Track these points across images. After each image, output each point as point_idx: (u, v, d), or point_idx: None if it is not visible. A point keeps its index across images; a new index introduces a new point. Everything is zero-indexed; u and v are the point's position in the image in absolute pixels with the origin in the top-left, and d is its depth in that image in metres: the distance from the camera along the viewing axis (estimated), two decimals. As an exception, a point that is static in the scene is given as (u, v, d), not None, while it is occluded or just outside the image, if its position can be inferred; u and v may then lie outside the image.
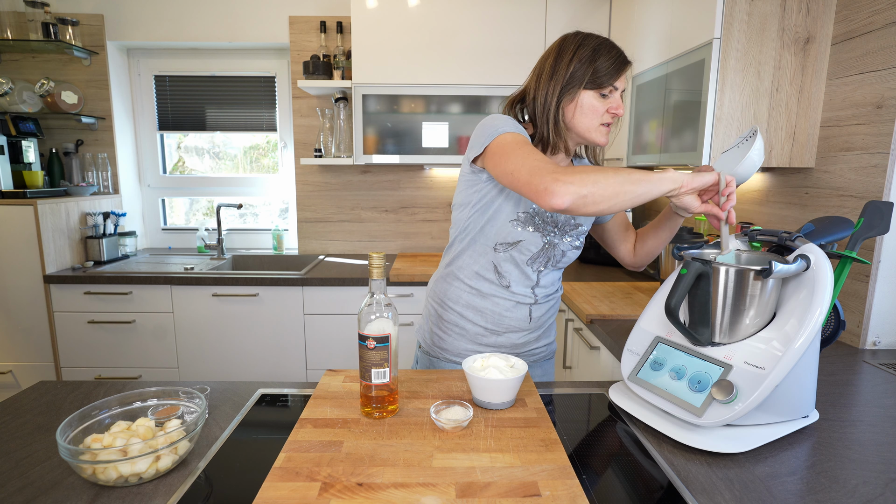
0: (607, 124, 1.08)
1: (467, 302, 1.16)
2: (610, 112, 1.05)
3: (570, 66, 1.04)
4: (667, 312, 0.84)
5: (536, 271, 1.14)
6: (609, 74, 1.03)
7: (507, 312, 1.15)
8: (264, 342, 2.32)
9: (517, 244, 1.10)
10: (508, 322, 1.16)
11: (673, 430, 0.84)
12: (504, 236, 1.10)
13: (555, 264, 1.16)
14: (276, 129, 2.88)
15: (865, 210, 0.99)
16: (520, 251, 1.11)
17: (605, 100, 1.05)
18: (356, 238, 2.87)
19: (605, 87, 1.04)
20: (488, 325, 1.16)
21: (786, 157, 1.49)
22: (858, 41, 1.34)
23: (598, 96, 1.05)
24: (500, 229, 1.10)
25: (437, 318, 1.21)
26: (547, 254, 1.13)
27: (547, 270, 1.16)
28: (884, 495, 0.70)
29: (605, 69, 1.03)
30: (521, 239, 1.09)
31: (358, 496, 0.65)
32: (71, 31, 2.54)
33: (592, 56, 1.03)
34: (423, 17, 2.32)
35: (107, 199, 2.66)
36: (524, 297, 1.15)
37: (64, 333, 2.30)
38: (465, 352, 1.18)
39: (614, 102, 1.05)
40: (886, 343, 1.33)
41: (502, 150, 0.98)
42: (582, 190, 0.88)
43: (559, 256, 1.15)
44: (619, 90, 1.06)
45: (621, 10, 2.22)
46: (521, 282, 1.14)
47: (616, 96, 1.06)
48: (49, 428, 0.87)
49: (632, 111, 2.04)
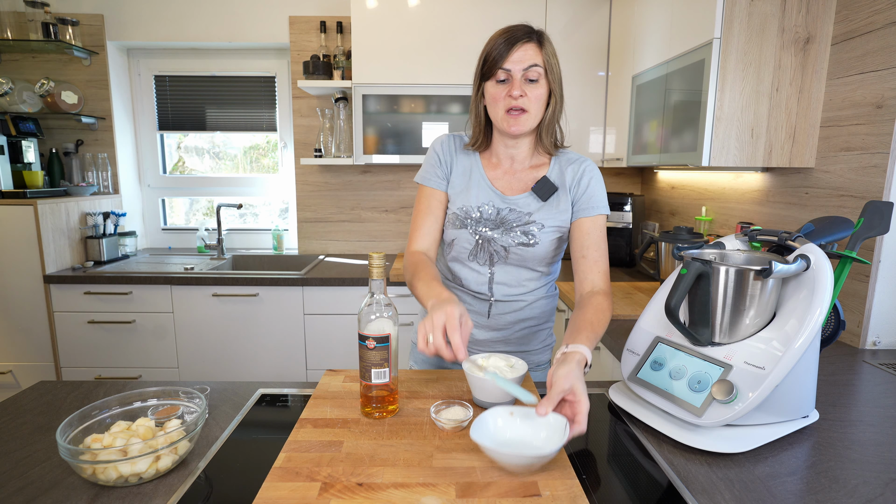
0: (514, 111, 1.03)
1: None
2: (508, 96, 1.02)
3: (478, 63, 1.07)
4: (667, 312, 0.84)
5: (485, 266, 1.14)
6: (496, 59, 1.01)
7: (467, 306, 1.18)
8: (264, 342, 2.32)
9: (452, 243, 1.16)
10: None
11: (673, 430, 0.84)
12: (444, 237, 1.18)
13: (504, 260, 1.12)
14: (276, 129, 2.88)
15: (865, 210, 0.99)
16: (457, 250, 1.16)
17: (503, 85, 1.03)
18: (356, 238, 2.87)
19: (496, 71, 1.02)
20: None
21: (786, 157, 1.49)
22: (858, 41, 1.34)
23: (495, 83, 1.04)
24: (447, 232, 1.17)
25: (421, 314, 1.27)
26: (485, 250, 1.12)
27: (498, 266, 1.13)
28: (884, 495, 0.70)
29: (494, 55, 1.02)
30: (454, 238, 1.14)
31: (358, 496, 0.65)
32: (71, 31, 2.54)
33: (487, 45, 1.04)
34: (423, 17, 2.32)
35: (107, 199, 2.66)
36: (481, 294, 1.17)
37: (64, 333, 2.30)
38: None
39: (510, 86, 1.02)
40: (886, 343, 1.33)
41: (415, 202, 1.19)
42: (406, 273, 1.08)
43: (502, 252, 1.11)
44: (518, 69, 1.01)
45: (621, 10, 2.22)
46: (474, 279, 1.16)
47: (514, 79, 1.01)
48: (49, 428, 0.87)
49: (632, 111, 2.04)
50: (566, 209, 1.11)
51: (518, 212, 1.10)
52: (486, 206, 1.11)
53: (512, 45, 1.00)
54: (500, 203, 1.11)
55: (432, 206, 1.16)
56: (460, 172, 1.15)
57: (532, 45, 1.02)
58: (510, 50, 1.00)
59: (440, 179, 1.16)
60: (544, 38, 1.04)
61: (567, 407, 0.79)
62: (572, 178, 1.11)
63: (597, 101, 2.42)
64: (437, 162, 1.16)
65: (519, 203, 1.11)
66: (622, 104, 2.19)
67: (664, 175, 2.53)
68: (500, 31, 1.05)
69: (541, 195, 1.09)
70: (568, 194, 1.11)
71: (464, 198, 1.13)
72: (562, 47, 2.35)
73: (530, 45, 1.02)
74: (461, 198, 1.13)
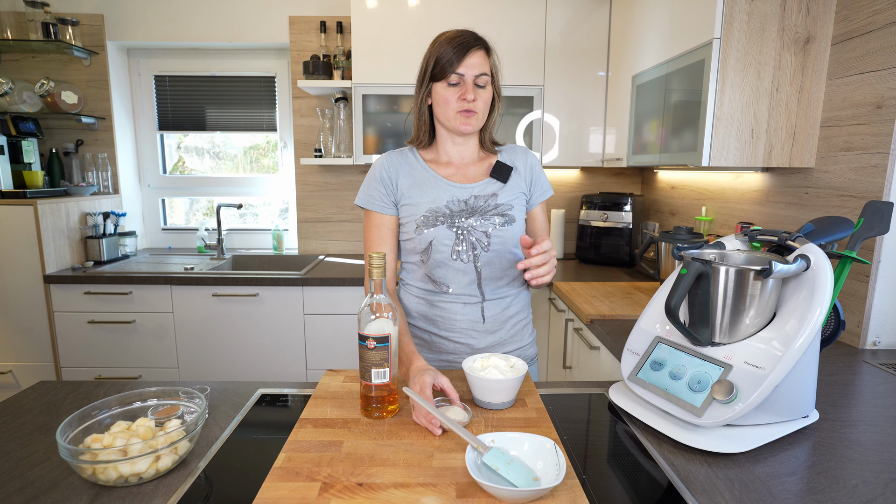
0: (465, 112, 1.08)
1: (420, 312, 1.18)
2: (461, 99, 1.07)
3: (424, 64, 1.10)
4: (667, 312, 0.84)
5: (470, 262, 1.12)
6: (450, 62, 1.06)
7: (456, 315, 1.14)
8: (264, 342, 2.32)
9: (430, 245, 1.11)
10: (460, 325, 1.14)
11: (673, 430, 0.84)
12: (417, 244, 1.13)
13: (486, 248, 1.12)
14: (276, 129, 2.88)
15: (865, 210, 0.99)
16: (437, 251, 1.11)
17: (455, 88, 1.07)
18: (356, 238, 2.87)
19: (448, 75, 1.06)
20: (441, 331, 1.16)
21: (786, 157, 1.49)
22: (858, 41, 1.34)
23: (447, 86, 1.07)
24: (414, 240, 1.13)
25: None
26: (467, 241, 1.11)
27: (483, 259, 1.12)
28: (884, 495, 0.70)
29: (446, 58, 1.06)
30: (431, 239, 1.11)
31: (358, 496, 0.65)
32: (71, 31, 2.54)
33: (437, 49, 1.08)
34: (423, 17, 2.32)
35: (107, 199, 2.66)
36: (470, 296, 1.14)
37: (64, 333, 2.30)
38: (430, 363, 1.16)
39: (463, 90, 1.07)
40: (886, 343, 1.33)
41: (363, 225, 1.18)
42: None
43: (484, 239, 1.11)
44: (470, 75, 1.06)
45: (621, 10, 2.22)
46: (460, 280, 1.13)
47: (466, 81, 1.07)
48: (49, 428, 0.87)
49: (632, 111, 2.04)
50: (525, 190, 1.19)
51: (483, 196, 1.14)
52: (451, 201, 1.12)
53: (465, 50, 1.06)
54: (463, 194, 1.13)
55: (383, 235, 1.15)
56: (411, 183, 1.14)
57: (482, 52, 1.08)
58: (464, 55, 1.06)
59: (386, 204, 1.14)
60: (490, 47, 1.11)
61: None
62: (523, 165, 1.19)
63: (597, 101, 2.42)
64: (381, 184, 1.14)
65: (481, 188, 1.14)
66: (622, 104, 2.19)
67: (664, 175, 2.53)
68: (448, 35, 1.09)
69: (500, 177, 1.15)
70: (523, 178, 1.18)
71: (427, 201, 1.12)
72: (562, 47, 2.36)
73: (480, 52, 1.08)
74: (424, 202, 1.12)
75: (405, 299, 1.21)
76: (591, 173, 2.85)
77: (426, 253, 1.12)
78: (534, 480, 0.68)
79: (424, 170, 1.15)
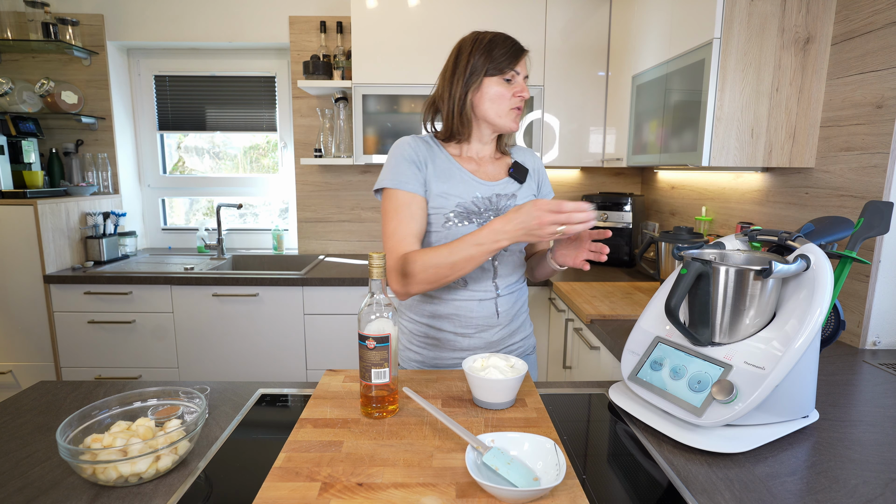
0: (516, 108, 1.12)
1: (433, 311, 1.17)
2: (516, 95, 1.11)
3: (471, 59, 1.10)
4: (667, 312, 0.84)
5: (490, 261, 1.14)
6: (507, 59, 1.09)
7: (472, 313, 1.15)
8: (264, 342, 2.32)
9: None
10: (477, 321, 1.16)
11: (673, 430, 0.84)
12: (443, 239, 1.11)
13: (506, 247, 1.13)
14: (276, 129, 2.88)
15: (865, 210, 0.99)
16: None
17: (509, 85, 1.10)
18: (356, 238, 2.87)
19: (507, 72, 1.09)
20: (457, 329, 1.16)
21: (786, 157, 1.49)
22: (858, 41, 1.34)
23: (502, 81, 1.10)
24: (438, 233, 1.11)
25: (409, 334, 1.22)
26: None
27: (501, 257, 1.15)
28: (884, 495, 0.70)
29: (503, 55, 1.09)
30: (461, 234, 1.10)
31: (358, 496, 0.65)
32: (71, 31, 2.54)
33: (489, 46, 1.09)
34: (423, 17, 2.32)
35: (107, 199, 2.66)
36: (486, 291, 1.15)
37: (64, 333, 2.30)
38: (442, 360, 1.18)
39: (518, 86, 1.11)
40: (886, 343, 1.33)
41: (384, 209, 1.11)
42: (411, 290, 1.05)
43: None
44: (521, 75, 1.11)
45: (621, 10, 2.22)
46: (478, 276, 1.14)
47: (519, 80, 1.11)
48: (49, 428, 0.87)
49: (632, 111, 2.04)
50: (535, 192, 1.23)
51: (505, 195, 1.15)
52: (477, 197, 1.12)
53: (521, 51, 1.11)
54: (486, 192, 1.13)
55: (414, 213, 1.08)
56: (438, 173, 1.12)
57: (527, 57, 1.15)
58: (520, 55, 1.10)
59: (419, 184, 1.10)
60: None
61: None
62: (532, 167, 1.23)
63: (597, 101, 2.42)
64: (412, 164, 1.10)
65: (502, 187, 1.16)
66: (622, 104, 2.19)
67: (664, 175, 2.53)
68: (500, 35, 1.11)
69: (518, 178, 1.18)
70: (534, 180, 1.22)
71: (455, 195, 1.11)
72: (562, 47, 2.36)
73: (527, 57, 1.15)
74: (453, 196, 1.11)
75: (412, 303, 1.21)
76: (591, 173, 2.85)
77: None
78: (534, 480, 0.68)
79: (450, 162, 1.14)
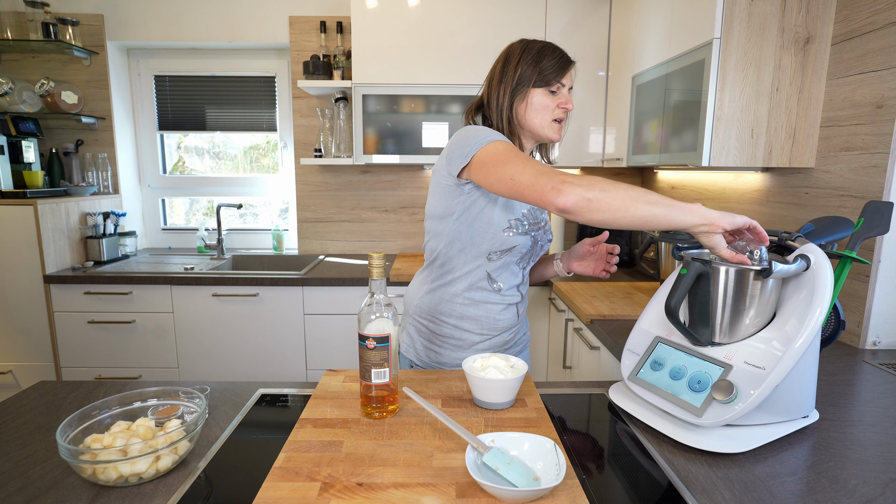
0: (558, 120, 1.13)
1: (461, 313, 1.17)
2: (560, 107, 1.11)
3: (518, 69, 1.10)
4: (667, 312, 0.84)
5: (522, 269, 1.20)
6: (555, 72, 1.10)
7: (499, 315, 1.19)
8: (264, 342, 2.32)
9: (511, 250, 1.13)
10: (501, 324, 1.20)
11: (673, 430, 0.84)
12: (498, 245, 1.11)
13: (535, 259, 1.23)
14: (276, 129, 2.88)
15: (865, 210, 0.99)
16: (512, 255, 1.14)
17: (554, 96, 1.11)
18: (356, 238, 2.87)
19: (553, 84, 1.10)
20: (483, 330, 1.19)
21: (786, 157, 1.49)
22: (858, 41, 1.34)
23: (548, 93, 1.10)
24: (494, 238, 1.10)
25: (430, 334, 1.21)
26: (533, 251, 1.19)
27: (529, 266, 1.23)
28: (884, 495, 0.70)
29: (551, 67, 1.09)
30: (515, 244, 1.12)
31: (358, 496, 0.65)
32: (71, 31, 2.54)
33: (538, 57, 1.10)
34: (423, 17, 2.32)
35: (107, 199, 2.66)
36: (512, 296, 1.20)
37: (64, 333, 2.30)
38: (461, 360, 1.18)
39: (563, 98, 1.12)
40: (886, 343, 1.33)
41: (496, 157, 0.97)
42: (588, 193, 0.84)
43: (539, 251, 1.22)
44: (567, 87, 1.12)
45: (621, 10, 2.22)
46: (510, 282, 1.18)
47: (564, 92, 1.12)
48: (49, 428, 0.87)
49: (632, 111, 2.04)
50: None
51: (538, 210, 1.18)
52: (524, 209, 1.14)
53: (569, 63, 1.12)
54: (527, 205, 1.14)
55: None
56: None
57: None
58: (567, 67, 1.11)
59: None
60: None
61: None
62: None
63: (597, 101, 2.42)
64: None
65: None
66: (622, 104, 2.19)
67: (664, 175, 2.53)
68: (549, 46, 1.12)
69: None
70: None
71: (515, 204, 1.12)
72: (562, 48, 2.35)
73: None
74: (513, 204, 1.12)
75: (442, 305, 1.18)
76: (592, 173, 2.85)
77: (498, 253, 1.13)
78: (534, 480, 0.68)
79: None
